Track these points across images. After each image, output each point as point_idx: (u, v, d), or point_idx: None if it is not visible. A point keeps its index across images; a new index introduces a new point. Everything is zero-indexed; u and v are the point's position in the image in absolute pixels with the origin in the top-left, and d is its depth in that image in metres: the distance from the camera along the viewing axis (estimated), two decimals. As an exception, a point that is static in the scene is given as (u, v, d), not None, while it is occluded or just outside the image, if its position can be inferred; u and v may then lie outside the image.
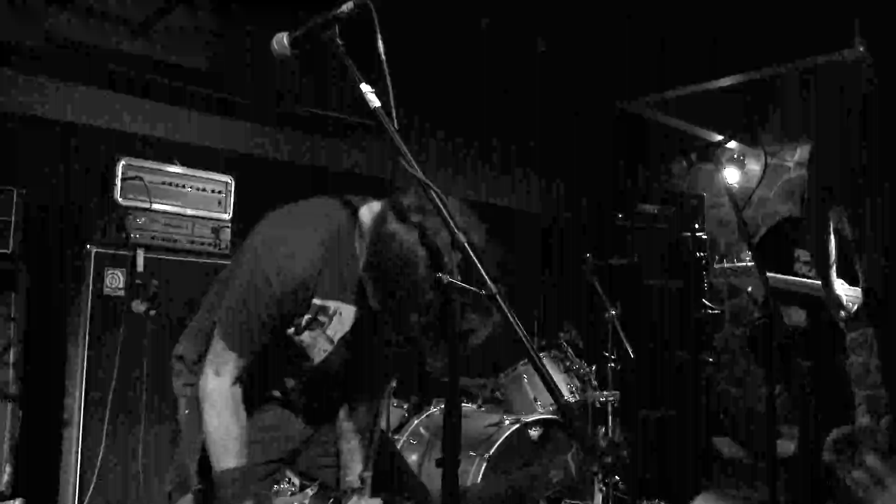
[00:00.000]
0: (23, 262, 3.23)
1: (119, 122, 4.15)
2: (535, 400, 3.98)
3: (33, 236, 3.38)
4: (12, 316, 3.20)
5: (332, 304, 1.93)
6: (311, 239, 1.88)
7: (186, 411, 2.15)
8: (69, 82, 4.02)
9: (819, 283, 3.54)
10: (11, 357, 3.18)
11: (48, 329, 3.44)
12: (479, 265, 1.39)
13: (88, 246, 3.29)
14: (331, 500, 2.04)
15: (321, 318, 1.93)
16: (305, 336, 1.95)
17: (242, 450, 1.91)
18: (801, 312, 3.69)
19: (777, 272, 4.09)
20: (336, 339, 1.98)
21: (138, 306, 3.30)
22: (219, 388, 1.91)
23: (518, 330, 1.41)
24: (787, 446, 6.10)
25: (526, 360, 4.12)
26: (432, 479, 2.29)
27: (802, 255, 3.99)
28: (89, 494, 3.14)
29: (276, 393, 2.14)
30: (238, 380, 1.93)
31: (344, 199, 1.98)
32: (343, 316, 1.96)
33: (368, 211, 1.93)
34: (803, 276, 3.94)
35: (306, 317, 1.92)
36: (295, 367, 2.05)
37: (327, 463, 2.24)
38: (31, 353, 3.30)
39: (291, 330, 1.93)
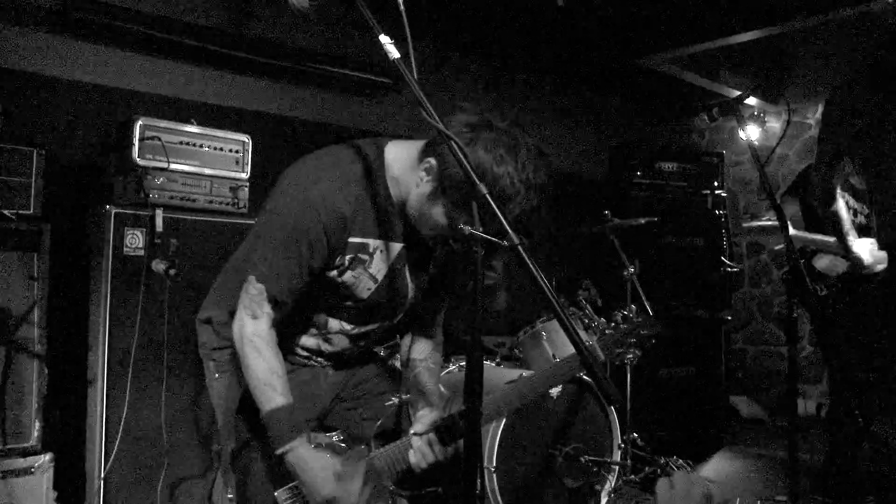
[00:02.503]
0: (45, 222, 3.25)
1: (136, 83, 4.15)
2: (554, 357, 3.99)
3: (54, 197, 3.40)
4: (35, 276, 3.22)
5: (371, 242, 1.94)
6: (343, 178, 1.88)
7: (217, 375, 2.16)
8: (86, 42, 4.01)
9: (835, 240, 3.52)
10: (36, 316, 3.22)
11: (71, 289, 3.47)
12: (500, 215, 1.39)
13: (108, 206, 3.31)
14: (361, 449, 2.07)
15: (362, 255, 1.94)
16: (348, 276, 1.96)
17: (287, 388, 1.91)
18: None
19: (808, 210, 4.06)
20: (380, 276, 1.99)
21: (158, 265, 3.31)
22: (257, 329, 1.90)
23: (541, 281, 1.41)
24: (808, 405, 6.12)
25: (545, 318, 4.13)
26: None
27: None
28: (115, 449, 3.19)
29: (302, 351, 2.15)
30: (274, 323, 1.93)
31: (366, 141, 1.99)
32: (384, 253, 1.97)
33: (395, 149, 1.95)
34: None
35: (347, 256, 1.92)
36: (337, 309, 2.07)
37: (357, 417, 2.26)
38: (55, 313, 3.34)
39: (333, 272, 1.93)
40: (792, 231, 3.57)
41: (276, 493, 1.96)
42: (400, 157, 1.94)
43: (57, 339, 3.36)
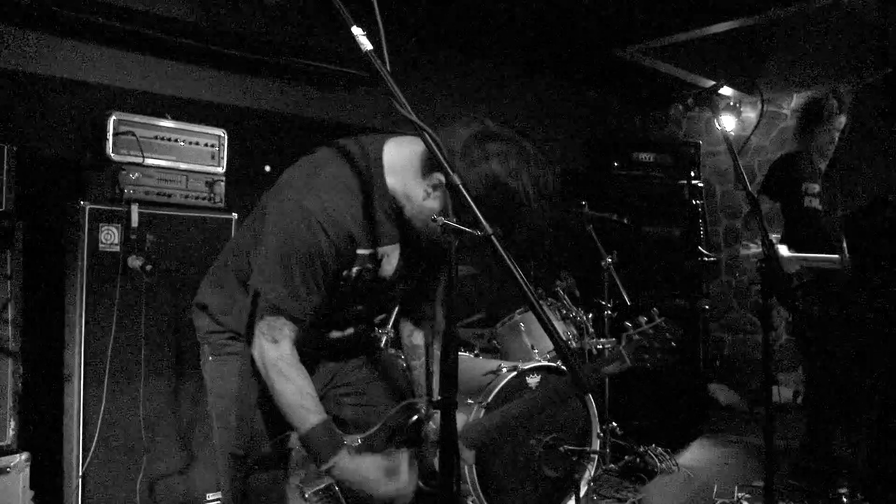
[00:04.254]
0: (18, 218, 3.21)
1: (110, 77, 4.11)
2: (533, 348, 4.00)
3: (27, 193, 3.36)
4: (9, 273, 3.19)
5: (378, 251, 1.96)
6: (347, 191, 1.88)
7: (210, 358, 2.15)
8: (60, 37, 3.97)
9: (837, 257, 3.55)
10: (10, 314, 3.18)
11: (46, 286, 3.44)
12: (473, 206, 1.39)
13: (82, 202, 3.28)
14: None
15: (369, 265, 1.96)
16: (360, 285, 2.00)
17: (319, 404, 1.94)
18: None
19: (784, 204, 4.09)
20: (388, 275, 2.03)
21: (134, 261, 3.29)
22: (281, 354, 1.90)
23: (515, 272, 1.41)
24: (783, 392, 6.19)
25: (523, 309, 4.14)
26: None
27: (809, 188, 3.99)
28: (93, 447, 3.17)
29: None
30: (295, 344, 1.94)
31: (363, 140, 1.98)
32: (390, 256, 2.00)
33: (394, 149, 1.95)
34: (811, 207, 3.95)
35: (355, 269, 1.94)
36: (351, 313, 2.11)
37: (349, 402, 2.28)
38: (30, 310, 3.31)
39: (341, 283, 1.95)
40: (787, 254, 3.61)
41: (306, 495, 1.99)
42: (400, 159, 1.92)
43: (32, 336, 3.33)
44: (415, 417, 2.15)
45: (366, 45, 1.52)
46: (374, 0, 1.55)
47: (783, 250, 3.58)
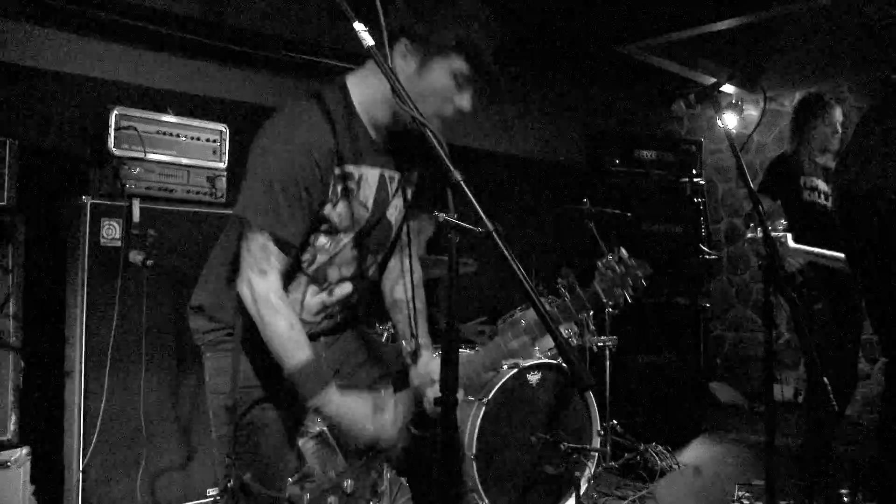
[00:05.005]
0: (19, 213, 3.21)
1: (112, 72, 4.11)
2: (534, 345, 4.00)
3: (29, 187, 3.36)
4: (10, 268, 3.19)
5: (354, 170, 1.96)
6: (323, 114, 1.90)
7: (208, 355, 2.13)
8: (62, 31, 3.96)
9: (843, 255, 3.54)
10: (11, 308, 3.19)
11: (47, 280, 3.44)
12: (474, 202, 1.39)
13: (84, 197, 3.27)
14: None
15: (350, 184, 1.95)
16: (341, 207, 1.96)
17: (307, 341, 1.90)
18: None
19: (785, 201, 4.08)
20: (370, 204, 2.01)
21: (135, 256, 3.29)
22: (270, 286, 1.87)
23: (516, 269, 1.40)
24: (785, 390, 6.19)
25: (524, 306, 4.14)
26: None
27: (808, 182, 3.98)
28: (93, 442, 3.17)
29: (308, 317, 2.11)
30: (282, 277, 1.91)
31: (325, 85, 2.01)
32: (367, 181, 1.99)
33: (354, 79, 1.99)
34: (812, 202, 3.94)
35: (339, 187, 1.93)
36: (335, 254, 2.05)
37: (350, 370, 2.25)
38: (31, 305, 3.31)
39: (328, 206, 1.93)
40: (794, 245, 3.59)
41: (300, 443, 1.96)
42: (363, 80, 1.97)
43: (33, 331, 3.33)
44: (401, 361, 2.16)
45: (368, 40, 1.52)
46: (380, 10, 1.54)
47: (789, 240, 3.56)
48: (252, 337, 1.92)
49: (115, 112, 3.36)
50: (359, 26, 1.54)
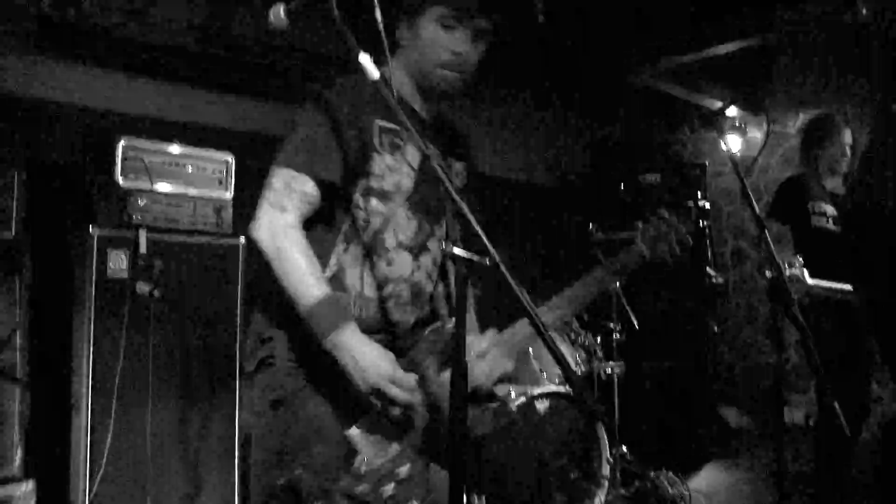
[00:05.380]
0: (25, 246, 3.22)
1: (118, 103, 4.13)
2: (542, 372, 3.98)
3: (36, 219, 3.37)
4: (17, 300, 3.19)
5: (399, 132, 1.97)
6: (347, 79, 1.95)
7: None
8: (68, 63, 4.00)
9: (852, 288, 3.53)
10: (18, 341, 3.18)
11: (54, 312, 3.44)
12: (482, 233, 1.38)
13: (91, 228, 3.28)
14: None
15: (396, 140, 1.96)
16: (389, 160, 1.95)
17: (327, 280, 1.84)
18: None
19: (793, 226, 4.07)
20: (416, 164, 2.00)
21: (142, 287, 3.29)
22: (288, 221, 1.82)
23: (523, 299, 1.40)
24: (795, 414, 6.13)
25: (534, 333, 4.12)
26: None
27: (816, 207, 3.97)
28: (99, 475, 3.15)
29: (370, 293, 2.01)
30: (302, 221, 1.86)
31: None
32: (412, 144, 1.98)
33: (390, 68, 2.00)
34: (820, 227, 3.92)
35: (384, 137, 1.94)
36: (389, 217, 1.99)
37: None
38: (38, 337, 3.30)
39: (376, 157, 1.93)
40: (811, 281, 3.57)
41: (347, 432, 1.82)
42: (394, 62, 2.01)
43: (39, 364, 3.32)
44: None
45: (374, 73, 1.53)
46: (381, 29, 1.55)
47: (806, 277, 3.53)
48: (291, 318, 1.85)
49: (122, 143, 3.37)
50: (364, 58, 1.55)
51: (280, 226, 1.80)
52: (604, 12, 4.75)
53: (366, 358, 1.76)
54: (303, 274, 1.78)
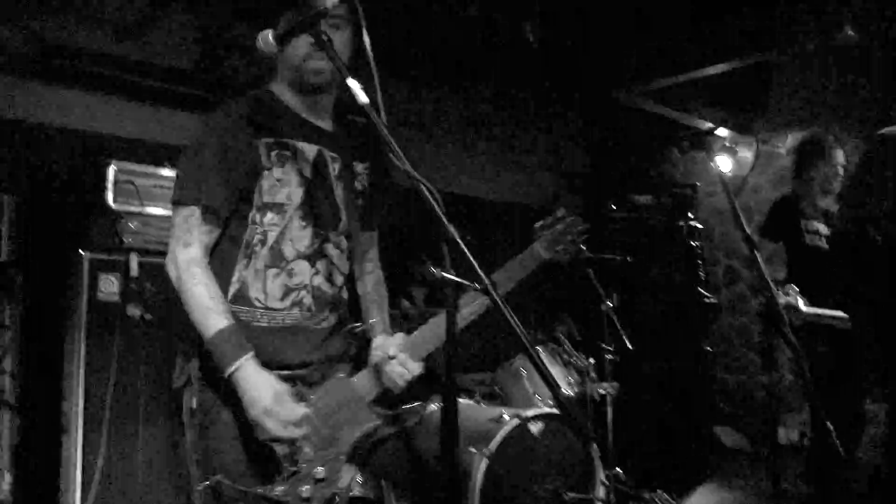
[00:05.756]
0: (17, 269, 3.21)
1: (109, 126, 4.14)
2: (535, 394, 3.97)
3: (27, 242, 3.37)
4: (7, 324, 3.18)
5: (287, 141, 2.02)
6: (230, 102, 2.03)
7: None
8: (59, 87, 4.00)
9: (846, 315, 3.54)
10: (8, 365, 3.17)
11: (45, 336, 3.43)
12: (471, 258, 1.39)
13: (82, 251, 3.28)
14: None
15: (284, 151, 2.01)
16: (277, 172, 2.00)
17: (229, 310, 1.91)
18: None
19: (786, 245, 4.08)
20: (308, 173, 2.05)
21: (133, 310, 3.28)
22: (192, 257, 1.92)
23: (513, 323, 1.40)
24: (789, 434, 6.12)
25: (523, 354, 4.12)
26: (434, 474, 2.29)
27: (809, 226, 3.98)
28: (92, 498, 3.13)
29: (275, 304, 2.06)
30: (206, 251, 1.95)
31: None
32: (303, 153, 2.05)
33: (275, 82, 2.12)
34: (813, 246, 3.94)
35: (272, 153, 1.98)
36: (283, 229, 2.03)
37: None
38: (29, 361, 3.29)
39: (266, 173, 1.97)
40: (807, 310, 3.58)
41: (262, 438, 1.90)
42: (278, 81, 2.11)
43: (29, 387, 3.30)
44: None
45: (362, 98, 1.54)
46: (371, 55, 1.56)
47: (801, 305, 3.53)
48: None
49: (113, 166, 3.38)
50: (352, 83, 1.56)
51: (183, 261, 1.91)
52: (594, 34, 4.78)
53: (250, 393, 1.84)
54: (203, 307, 1.87)
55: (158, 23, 4.28)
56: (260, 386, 1.84)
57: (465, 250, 1.38)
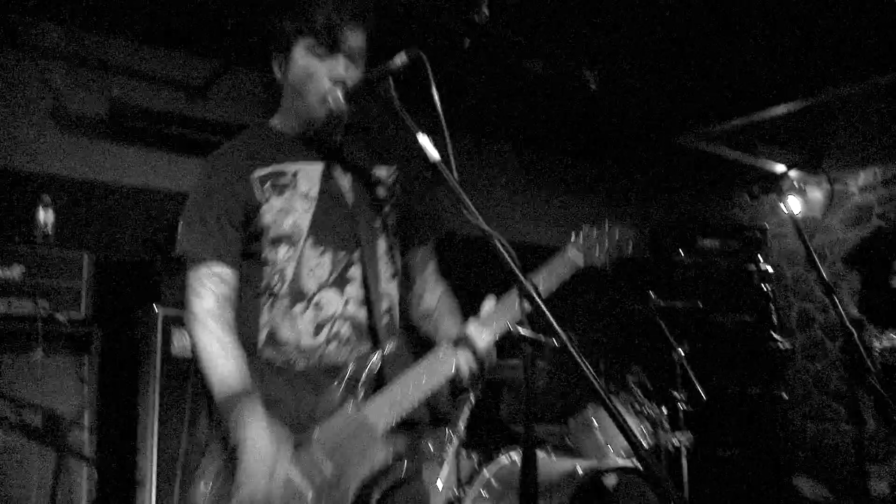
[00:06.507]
0: (95, 325, 3.30)
1: (181, 183, 4.26)
2: (607, 445, 3.88)
3: (104, 299, 3.46)
4: (85, 379, 3.26)
5: (283, 167, 1.91)
6: (224, 147, 1.98)
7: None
8: (132, 146, 4.15)
9: None
10: (86, 420, 3.23)
11: (120, 390, 3.50)
12: (548, 315, 1.37)
13: (155, 307, 3.35)
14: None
15: (282, 180, 1.89)
16: (279, 202, 1.87)
17: (244, 370, 1.75)
18: None
19: (866, 280, 3.95)
20: (314, 193, 1.90)
21: (206, 365, 3.33)
22: (205, 307, 1.80)
23: (592, 379, 1.38)
24: (878, 485, 5.84)
25: (594, 404, 4.04)
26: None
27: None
28: (164, 555, 3.15)
29: (313, 341, 1.86)
30: (223, 301, 1.82)
31: None
32: (306, 172, 1.92)
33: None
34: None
35: (266, 186, 1.88)
36: (299, 259, 1.87)
37: None
38: (105, 415, 3.36)
39: (264, 208, 1.86)
40: None
41: None
42: (280, 106, 2.02)
43: (106, 441, 3.37)
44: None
45: (433, 154, 1.54)
46: (440, 111, 1.57)
47: None
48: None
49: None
50: (423, 139, 1.57)
51: (195, 311, 1.80)
52: (655, 78, 4.77)
53: (247, 464, 1.64)
54: (215, 363, 1.75)
55: (225, 81, 4.42)
56: (255, 457, 1.65)
57: (542, 306, 1.37)
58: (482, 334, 1.77)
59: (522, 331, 1.42)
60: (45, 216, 3.50)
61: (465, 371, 1.77)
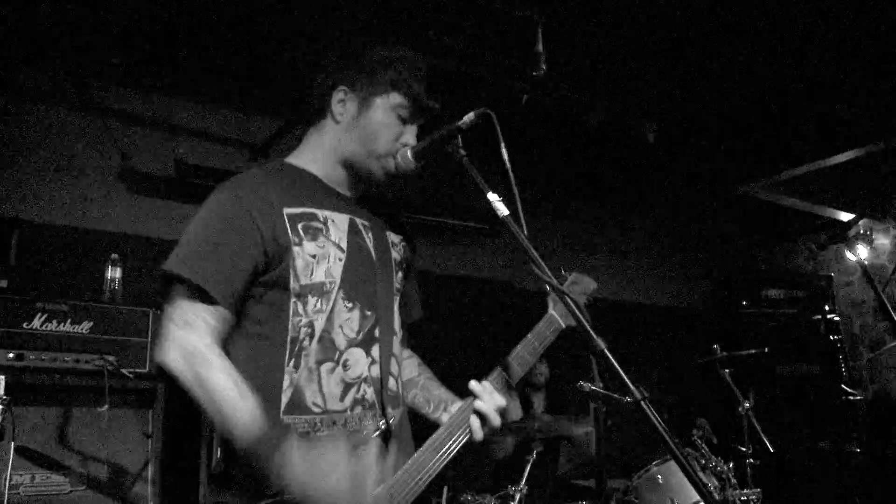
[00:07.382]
0: (160, 380, 3.35)
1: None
2: (673, 502, 3.77)
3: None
4: (150, 433, 3.30)
5: (315, 211, 1.79)
6: (264, 170, 1.85)
7: None
8: (197, 204, 4.25)
9: None
10: (150, 472, 3.27)
11: (184, 444, 3.53)
12: (620, 371, 1.35)
13: (219, 360, 3.39)
14: None
15: (315, 223, 1.77)
16: (312, 247, 1.74)
17: (256, 404, 1.55)
18: None
19: None
20: (344, 245, 1.80)
21: (267, 418, 3.35)
22: (200, 339, 1.60)
23: (665, 435, 1.35)
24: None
25: (659, 460, 3.94)
26: None
27: None
28: None
29: (338, 405, 1.73)
30: (218, 339, 1.64)
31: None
32: (335, 223, 1.82)
33: (296, 153, 1.94)
34: None
35: (299, 225, 1.74)
36: (329, 313, 1.74)
37: None
38: (168, 469, 3.39)
39: (296, 249, 1.71)
40: None
41: None
42: (301, 151, 1.93)
43: (169, 494, 3.39)
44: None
45: (503, 210, 1.55)
46: (509, 167, 1.58)
47: None
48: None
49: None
50: (493, 197, 1.58)
51: (189, 347, 1.60)
52: (716, 129, 4.74)
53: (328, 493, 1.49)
54: (234, 408, 1.55)
55: (286, 139, 4.52)
56: (325, 462, 1.51)
57: (615, 363, 1.35)
58: (492, 394, 1.76)
59: (593, 387, 1.40)
60: (112, 273, 3.60)
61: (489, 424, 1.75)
